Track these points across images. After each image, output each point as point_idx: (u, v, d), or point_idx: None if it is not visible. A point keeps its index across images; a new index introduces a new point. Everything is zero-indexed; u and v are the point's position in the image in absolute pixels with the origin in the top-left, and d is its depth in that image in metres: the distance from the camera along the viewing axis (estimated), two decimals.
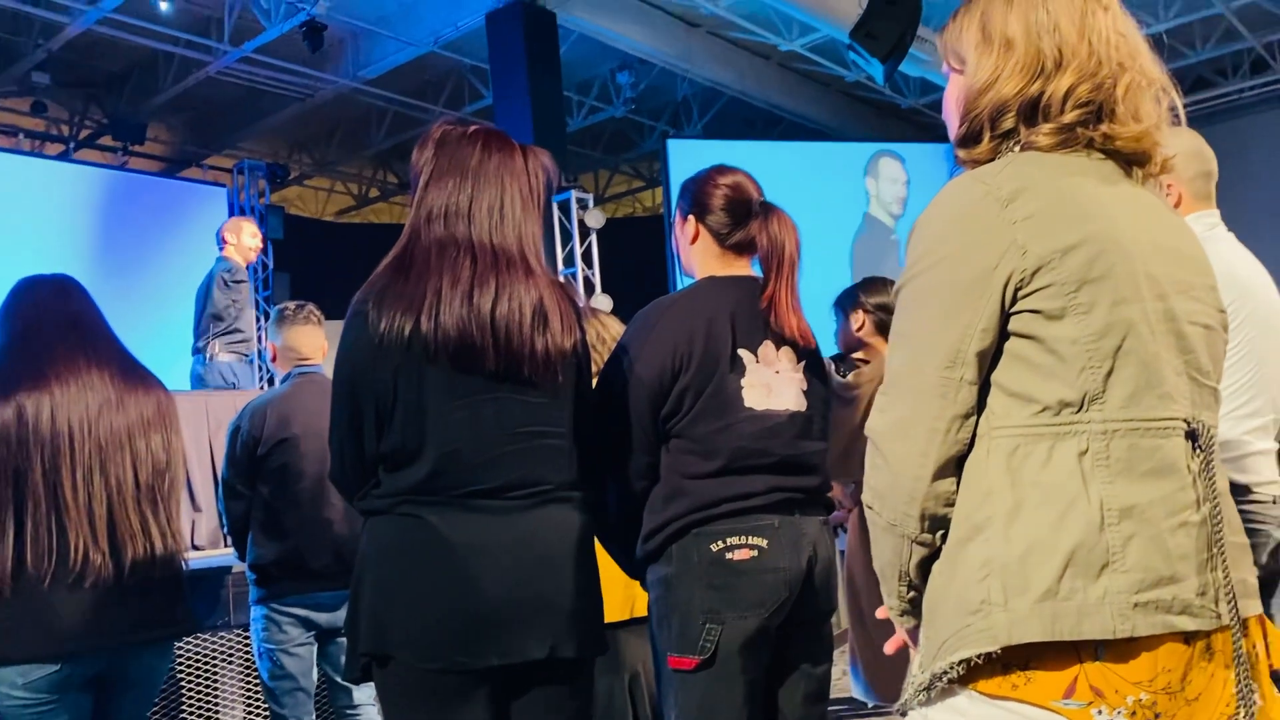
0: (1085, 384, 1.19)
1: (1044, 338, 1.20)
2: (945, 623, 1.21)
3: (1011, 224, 1.21)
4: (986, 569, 1.18)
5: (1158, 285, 1.23)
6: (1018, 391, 1.21)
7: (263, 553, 3.21)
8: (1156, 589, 1.14)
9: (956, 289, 1.23)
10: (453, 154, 1.91)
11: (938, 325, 1.24)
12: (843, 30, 7.32)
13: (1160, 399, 1.20)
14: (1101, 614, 1.13)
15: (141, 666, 2.41)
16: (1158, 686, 1.13)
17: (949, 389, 1.22)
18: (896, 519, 1.26)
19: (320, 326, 3.41)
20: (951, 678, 1.19)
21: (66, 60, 10.02)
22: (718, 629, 2.05)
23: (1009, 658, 1.16)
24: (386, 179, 14.53)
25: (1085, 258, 1.19)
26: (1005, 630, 1.15)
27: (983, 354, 1.22)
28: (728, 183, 2.27)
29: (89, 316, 2.46)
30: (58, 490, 2.25)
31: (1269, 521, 2.26)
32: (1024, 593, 1.15)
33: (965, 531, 1.22)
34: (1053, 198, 1.23)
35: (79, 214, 9.11)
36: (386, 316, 1.79)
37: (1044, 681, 1.14)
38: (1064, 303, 1.19)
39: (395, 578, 1.79)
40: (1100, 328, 1.19)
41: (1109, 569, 1.14)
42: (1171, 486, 1.18)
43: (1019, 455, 1.20)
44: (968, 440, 1.24)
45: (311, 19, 8.72)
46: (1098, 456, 1.17)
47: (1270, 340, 2.29)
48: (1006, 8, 1.32)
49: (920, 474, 1.23)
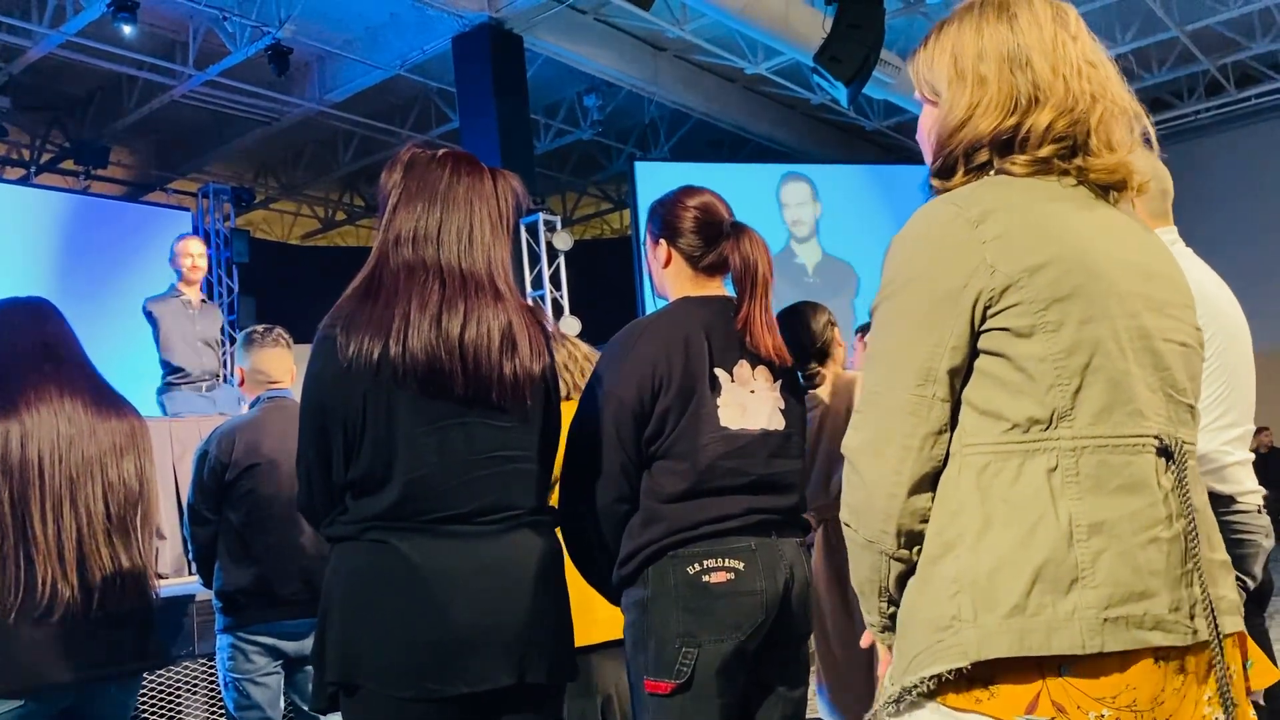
0: (1054, 401, 1.19)
1: (1013, 355, 1.21)
2: (916, 638, 1.22)
3: (981, 243, 1.22)
4: (957, 585, 1.19)
5: (1129, 303, 1.24)
6: (988, 409, 1.22)
7: (229, 580, 3.16)
8: (1127, 604, 1.15)
9: (927, 308, 1.24)
10: (421, 177, 1.90)
11: (909, 344, 1.25)
12: (807, 54, 7.40)
13: (1130, 415, 1.21)
14: (1071, 629, 1.13)
15: (109, 701, 2.35)
16: (1121, 704, 1.13)
17: (921, 407, 1.24)
18: (873, 535, 1.27)
19: (289, 349, 3.38)
20: (921, 692, 1.19)
21: (28, 84, 9.93)
22: (694, 652, 2.04)
23: (975, 673, 1.16)
24: (353, 202, 14.49)
25: (1053, 276, 1.20)
26: (975, 646, 1.15)
27: (954, 371, 1.23)
28: (696, 204, 2.27)
29: (63, 341, 2.41)
30: (26, 522, 2.20)
31: (1256, 531, 2.29)
32: (993, 609, 1.16)
33: (937, 548, 1.23)
34: (1022, 218, 1.24)
35: (41, 238, 9.00)
36: (354, 341, 1.77)
37: (1007, 696, 1.15)
38: (1032, 321, 1.20)
39: (363, 605, 1.77)
40: (1068, 345, 1.20)
41: (1078, 584, 1.15)
42: (1142, 502, 1.19)
43: (989, 472, 1.21)
44: (942, 457, 1.25)
45: (277, 42, 8.71)
46: (1067, 473, 1.18)
47: (1238, 353, 2.33)
48: (977, 38, 1.33)
49: (895, 491, 1.24)
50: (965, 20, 1.35)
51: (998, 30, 1.32)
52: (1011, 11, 1.32)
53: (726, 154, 12.91)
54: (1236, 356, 2.32)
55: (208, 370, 5.75)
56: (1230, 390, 2.30)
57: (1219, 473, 2.25)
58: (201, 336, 5.75)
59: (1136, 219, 1.38)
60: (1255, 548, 2.28)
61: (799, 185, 11.28)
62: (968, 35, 1.34)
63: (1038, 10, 1.32)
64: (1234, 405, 2.30)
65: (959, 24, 1.36)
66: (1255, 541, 2.28)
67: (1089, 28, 1.34)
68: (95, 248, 9.27)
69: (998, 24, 1.32)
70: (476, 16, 8.75)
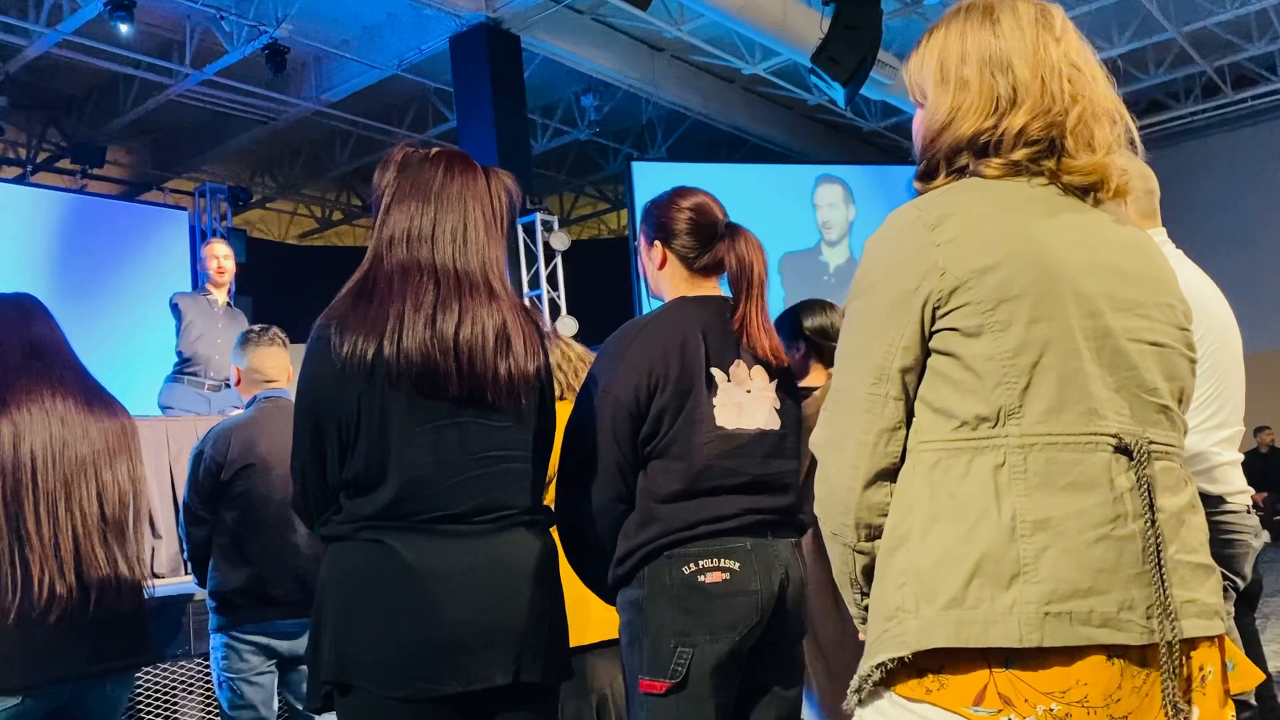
0: (1000, 399, 1.22)
1: (962, 355, 1.24)
2: (872, 628, 1.27)
3: (935, 246, 1.26)
4: (904, 577, 1.23)
5: (1090, 303, 1.25)
6: (940, 407, 1.26)
7: (224, 580, 3.16)
8: (1071, 600, 1.16)
9: (882, 309, 1.29)
10: (414, 177, 1.90)
11: (867, 344, 1.31)
12: (804, 54, 7.40)
13: (1083, 414, 1.22)
14: (1009, 623, 1.15)
15: (103, 698, 2.36)
16: (1071, 699, 1.14)
17: (875, 404, 1.29)
18: (837, 529, 1.33)
19: (285, 349, 3.38)
20: (875, 680, 1.24)
21: (25, 82, 9.92)
22: (689, 652, 2.04)
23: (924, 663, 1.20)
24: (350, 202, 14.48)
25: (1003, 277, 1.23)
26: (915, 636, 1.19)
27: (905, 370, 1.28)
28: (690, 205, 2.27)
29: (51, 339, 2.40)
30: (20, 522, 2.20)
31: (1245, 531, 2.30)
32: (932, 600, 1.19)
33: (891, 542, 1.27)
34: (978, 220, 1.27)
35: (37, 237, 8.99)
36: (349, 341, 1.77)
37: (955, 687, 1.17)
38: (980, 320, 1.23)
39: (358, 604, 1.77)
40: (1016, 345, 1.22)
41: (1019, 579, 1.16)
42: (1092, 500, 1.19)
43: (940, 469, 1.24)
44: (898, 453, 1.29)
45: (274, 42, 8.71)
46: (1014, 470, 1.20)
47: (1228, 353, 2.34)
48: (961, 43, 1.35)
49: (852, 485, 1.30)
50: (951, 24, 1.38)
51: (980, 34, 1.34)
52: (995, 15, 1.35)
53: (724, 154, 12.92)
54: (1228, 358, 2.33)
55: (218, 371, 5.70)
56: (1221, 391, 2.31)
57: (1209, 473, 2.26)
58: (224, 337, 5.71)
59: (1124, 219, 1.38)
60: (1244, 548, 2.28)
61: (832, 188, 11.32)
62: (953, 39, 1.37)
63: (1021, 13, 1.35)
64: (1224, 406, 2.31)
65: (946, 28, 1.39)
66: (1244, 541, 2.29)
67: (1086, 29, 1.35)
68: (91, 247, 9.25)
69: (981, 28, 1.35)
70: (474, 16, 8.75)
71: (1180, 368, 1.32)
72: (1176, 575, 1.21)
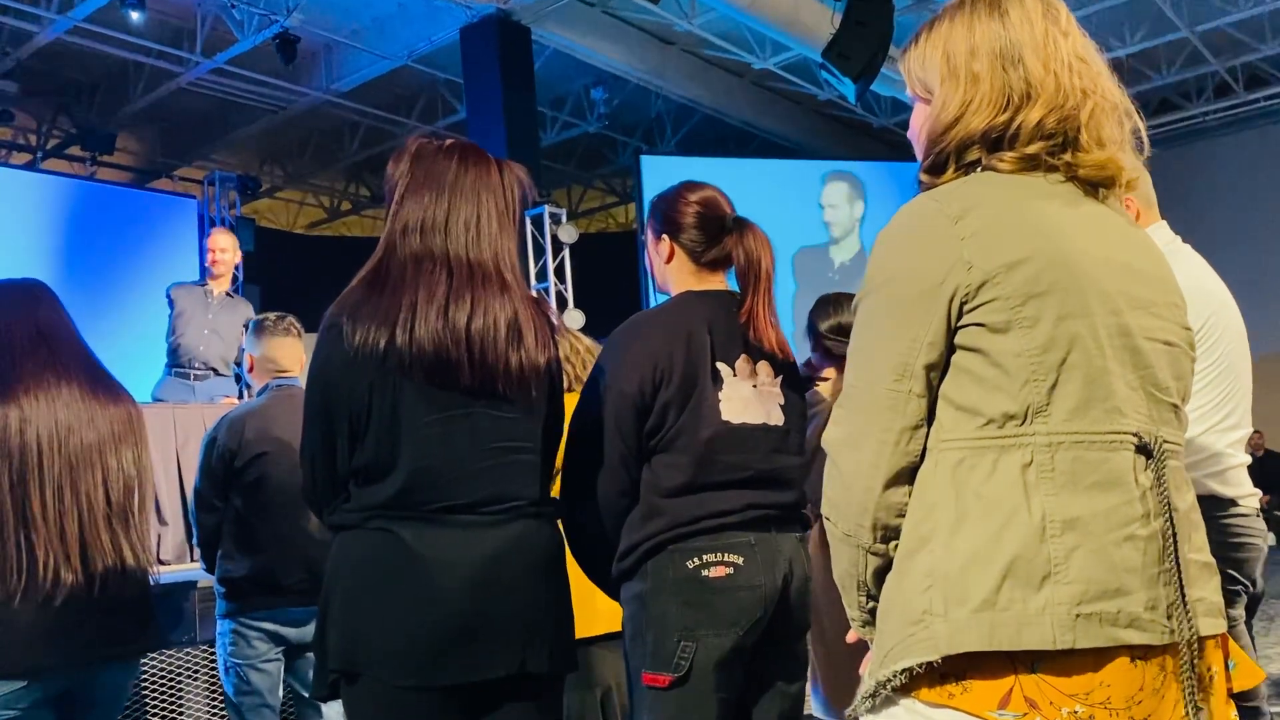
0: (1028, 397, 1.20)
1: (989, 351, 1.22)
2: (891, 632, 1.23)
3: (960, 240, 1.22)
4: (929, 580, 1.19)
5: (1111, 301, 1.24)
6: (964, 404, 1.23)
7: (233, 566, 3.17)
8: (1101, 601, 1.14)
9: (905, 304, 1.25)
10: (429, 168, 1.90)
11: (887, 339, 1.26)
12: (815, 49, 7.39)
13: (1108, 413, 1.21)
14: (1042, 625, 1.13)
15: (107, 683, 2.37)
16: (1094, 700, 1.13)
17: (898, 401, 1.24)
18: (850, 529, 1.29)
19: (300, 339, 3.38)
20: (895, 686, 1.20)
21: (35, 69, 9.93)
22: (692, 646, 2.05)
23: (947, 668, 1.17)
24: (359, 192, 14.49)
25: (1031, 272, 1.21)
26: (945, 640, 1.16)
27: (930, 367, 1.24)
28: (698, 199, 2.27)
29: (58, 325, 2.40)
30: (26, 506, 2.20)
31: (1256, 534, 2.28)
32: (963, 603, 1.16)
33: (913, 543, 1.23)
34: (1003, 214, 1.24)
35: (46, 224, 9.01)
36: (361, 330, 1.77)
37: (980, 691, 1.15)
38: (1008, 316, 1.20)
39: (366, 593, 1.77)
40: (1044, 341, 1.20)
41: (1050, 580, 1.15)
42: (1118, 499, 1.18)
43: (964, 467, 1.21)
44: (918, 452, 1.25)
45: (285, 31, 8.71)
46: (1042, 468, 1.18)
47: (1240, 353, 2.33)
48: (969, 35, 1.33)
49: (871, 485, 1.25)
50: (957, 17, 1.35)
51: (990, 27, 1.32)
52: (1003, 8, 1.32)
53: (733, 149, 12.90)
54: (1239, 357, 2.32)
55: (203, 360, 5.69)
56: (1234, 392, 2.29)
57: (1222, 475, 2.24)
58: (212, 326, 5.72)
59: (1127, 216, 1.37)
60: (1255, 551, 2.27)
61: (839, 184, 11.30)
62: (960, 32, 1.34)
63: (1029, 7, 1.32)
64: (1238, 407, 2.30)
65: (950, 21, 1.35)
66: (1255, 545, 2.27)
67: (1098, 27, 1.36)
68: (101, 234, 9.28)
69: (989, 21, 1.32)
70: (484, 8, 8.74)
71: (1185, 367, 1.32)
72: (1189, 574, 1.20)
